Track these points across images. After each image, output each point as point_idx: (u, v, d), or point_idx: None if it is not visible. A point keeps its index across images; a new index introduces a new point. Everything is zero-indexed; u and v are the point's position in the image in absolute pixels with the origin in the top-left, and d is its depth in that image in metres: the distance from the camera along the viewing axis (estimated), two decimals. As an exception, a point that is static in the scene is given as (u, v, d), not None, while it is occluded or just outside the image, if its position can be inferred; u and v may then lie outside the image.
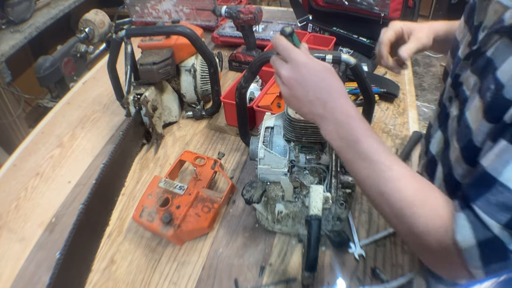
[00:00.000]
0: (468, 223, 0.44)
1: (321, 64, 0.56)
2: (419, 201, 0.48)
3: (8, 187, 1.02)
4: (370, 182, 0.52)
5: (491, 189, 0.43)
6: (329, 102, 0.54)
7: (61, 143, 1.15)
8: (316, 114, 0.55)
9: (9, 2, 1.88)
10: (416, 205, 0.48)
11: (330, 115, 0.54)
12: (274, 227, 0.82)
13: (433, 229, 0.47)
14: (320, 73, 0.55)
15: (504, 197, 0.41)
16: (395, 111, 1.16)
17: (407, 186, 0.49)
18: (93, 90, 1.38)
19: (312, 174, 0.77)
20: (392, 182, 0.50)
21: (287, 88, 0.57)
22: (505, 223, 0.41)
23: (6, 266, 0.83)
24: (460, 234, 0.44)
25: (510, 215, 0.41)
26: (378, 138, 0.53)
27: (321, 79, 0.55)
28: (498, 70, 0.48)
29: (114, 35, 1.05)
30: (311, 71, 0.55)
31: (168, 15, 1.66)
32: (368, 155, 0.51)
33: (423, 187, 0.50)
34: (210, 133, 1.13)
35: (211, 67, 1.07)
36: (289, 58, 0.56)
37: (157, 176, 0.88)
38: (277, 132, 0.79)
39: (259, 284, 0.75)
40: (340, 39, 1.39)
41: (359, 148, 0.52)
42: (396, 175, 0.50)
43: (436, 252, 0.48)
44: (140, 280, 0.77)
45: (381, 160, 0.51)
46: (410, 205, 0.48)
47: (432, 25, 0.81)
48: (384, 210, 0.52)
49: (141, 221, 0.80)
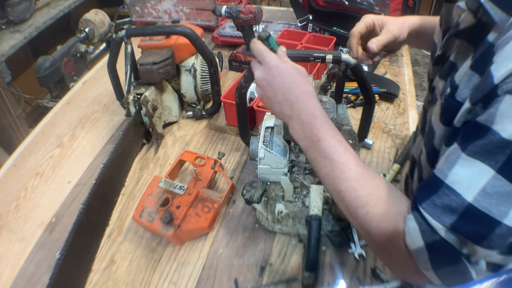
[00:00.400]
0: (417, 225, 0.44)
1: (293, 66, 0.59)
2: (373, 202, 0.49)
3: (8, 187, 1.02)
4: (329, 180, 0.53)
5: (437, 191, 0.43)
6: (296, 103, 0.56)
7: (61, 143, 1.15)
8: (285, 114, 0.58)
9: (9, 2, 1.87)
10: (370, 205, 0.49)
11: (297, 115, 0.56)
12: (274, 227, 0.82)
13: (386, 230, 0.47)
14: (289, 76, 0.58)
15: (449, 199, 0.41)
16: (395, 111, 1.16)
17: (363, 186, 0.50)
18: (93, 90, 1.38)
19: (312, 174, 0.77)
20: (349, 181, 0.51)
21: (260, 88, 0.60)
22: (450, 225, 0.41)
23: (6, 266, 0.83)
24: (409, 236, 0.44)
25: (456, 217, 0.41)
26: (341, 139, 0.54)
27: (290, 81, 0.57)
28: (456, 73, 0.49)
29: (114, 35, 1.05)
30: (282, 73, 0.57)
31: (168, 15, 1.66)
32: (328, 154, 0.53)
33: (380, 188, 0.50)
34: (210, 133, 1.13)
35: (211, 67, 1.07)
36: (263, 61, 0.59)
37: (157, 176, 0.88)
38: (277, 132, 0.79)
39: (259, 284, 0.75)
40: (340, 39, 1.39)
41: (320, 147, 0.53)
42: (353, 175, 0.51)
43: (389, 253, 0.49)
44: (140, 280, 0.77)
45: (340, 160, 0.52)
46: (364, 205, 0.49)
47: (406, 19, 0.81)
48: (342, 208, 0.53)
49: (141, 221, 0.80)
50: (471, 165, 0.41)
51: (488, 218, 0.39)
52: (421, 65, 3.40)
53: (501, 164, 0.39)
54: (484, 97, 0.40)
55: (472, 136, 0.41)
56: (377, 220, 0.48)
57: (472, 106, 0.42)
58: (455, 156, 0.43)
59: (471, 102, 0.42)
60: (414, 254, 0.45)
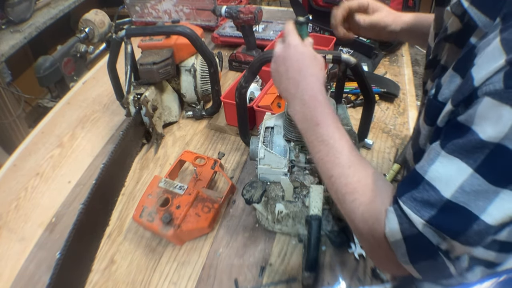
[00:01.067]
0: (396, 218, 0.45)
1: (311, 51, 0.61)
2: (361, 189, 0.50)
3: (8, 187, 1.02)
4: (322, 164, 0.54)
5: (417, 186, 0.44)
6: (302, 83, 0.58)
7: (61, 143, 1.15)
8: (289, 92, 0.60)
9: (9, 2, 1.88)
10: (358, 192, 0.49)
11: (300, 95, 0.58)
12: (274, 227, 0.82)
13: (369, 218, 0.48)
14: (305, 58, 0.59)
15: (428, 195, 0.42)
16: (395, 111, 1.16)
17: (354, 173, 0.51)
18: (93, 90, 1.38)
19: (312, 174, 0.77)
20: (341, 167, 0.52)
21: (275, 63, 0.62)
22: (428, 219, 0.42)
23: (6, 266, 0.83)
24: (388, 228, 0.45)
25: (434, 212, 0.42)
26: (339, 125, 0.55)
27: (302, 62, 0.59)
28: (444, 75, 0.49)
29: (114, 35, 1.05)
30: (298, 53, 0.60)
31: (168, 15, 1.66)
32: (325, 138, 0.54)
33: (369, 177, 0.51)
34: (210, 133, 1.13)
35: (211, 67, 1.07)
36: (286, 39, 0.62)
37: (157, 176, 0.88)
38: (277, 132, 0.79)
39: (259, 284, 0.75)
40: (340, 39, 1.38)
41: (318, 131, 0.55)
42: (346, 161, 0.52)
43: (371, 243, 0.49)
44: (140, 280, 0.77)
45: (335, 146, 0.53)
46: (353, 192, 0.50)
47: (402, 14, 0.82)
48: (332, 194, 0.54)
49: (141, 221, 0.80)
50: (450, 163, 0.41)
51: (466, 212, 0.40)
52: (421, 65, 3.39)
53: (479, 163, 0.39)
54: (465, 99, 0.41)
55: (452, 135, 0.42)
56: (362, 208, 0.49)
57: (454, 108, 0.43)
58: (435, 153, 0.43)
59: (453, 104, 0.43)
60: (393, 246, 0.46)
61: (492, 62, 0.38)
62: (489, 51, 0.39)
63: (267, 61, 0.80)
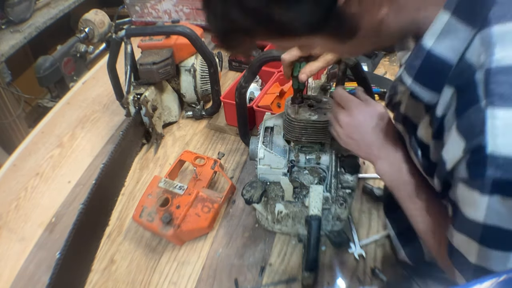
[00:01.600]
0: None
1: (375, 109, 0.61)
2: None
3: (8, 187, 1.02)
4: (412, 218, 0.58)
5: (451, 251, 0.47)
6: (384, 146, 0.60)
7: (61, 143, 1.15)
8: (372, 155, 0.61)
9: (9, 2, 1.87)
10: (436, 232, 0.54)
11: (386, 156, 0.59)
12: (274, 227, 0.82)
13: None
14: (374, 119, 0.60)
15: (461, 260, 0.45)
16: (395, 111, 1.16)
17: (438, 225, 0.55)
18: (93, 90, 1.38)
19: (312, 174, 0.77)
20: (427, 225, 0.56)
21: (345, 131, 0.62)
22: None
23: (6, 266, 0.83)
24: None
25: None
26: (421, 177, 0.56)
27: (376, 125, 0.60)
28: (417, 131, 0.51)
29: (114, 35, 1.05)
30: (367, 117, 0.60)
31: (168, 15, 1.66)
32: (413, 197, 0.57)
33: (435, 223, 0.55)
34: (210, 133, 1.13)
35: (211, 67, 1.07)
36: (347, 105, 0.62)
37: (157, 176, 0.87)
38: (277, 132, 0.79)
39: (259, 284, 0.75)
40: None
41: (407, 190, 0.57)
42: (429, 222, 0.55)
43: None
44: (140, 280, 0.77)
45: (422, 205, 0.56)
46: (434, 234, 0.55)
47: None
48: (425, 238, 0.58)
49: (141, 221, 0.80)
50: (461, 236, 0.44)
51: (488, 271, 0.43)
52: (421, 65, 3.38)
53: (479, 237, 0.41)
54: (445, 181, 0.44)
55: (453, 212, 0.45)
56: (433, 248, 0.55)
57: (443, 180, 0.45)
58: (450, 224, 0.46)
59: (440, 180, 0.46)
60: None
61: (455, 148, 0.39)
62: (451, 135, 0.40)
63: (267, 61, 0.81)
